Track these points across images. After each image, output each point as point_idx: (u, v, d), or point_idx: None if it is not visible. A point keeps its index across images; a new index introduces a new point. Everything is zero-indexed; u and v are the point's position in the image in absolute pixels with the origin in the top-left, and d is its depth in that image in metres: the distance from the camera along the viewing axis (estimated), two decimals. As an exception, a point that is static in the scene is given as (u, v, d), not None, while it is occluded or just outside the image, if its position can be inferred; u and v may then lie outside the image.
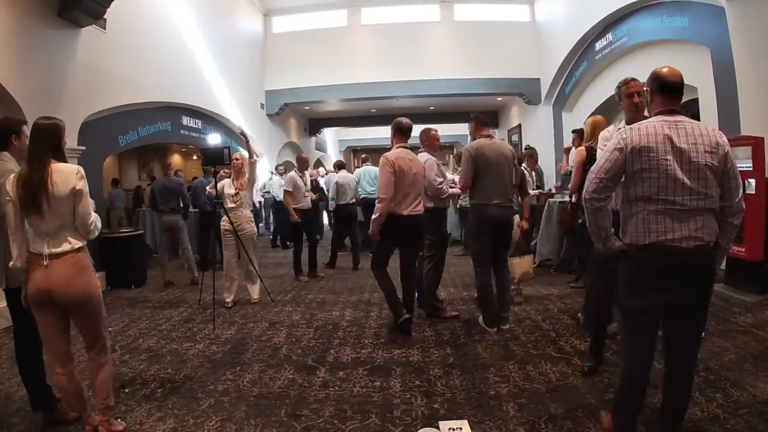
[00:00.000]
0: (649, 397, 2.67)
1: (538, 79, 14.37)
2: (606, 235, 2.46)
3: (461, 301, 5.75)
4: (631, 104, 3.53)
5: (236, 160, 6.13)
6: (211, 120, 12.16)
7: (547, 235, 7.40)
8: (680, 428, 2.53)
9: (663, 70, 2.46)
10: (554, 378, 3.51)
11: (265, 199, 13.63)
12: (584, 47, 11.89)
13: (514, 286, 5.49)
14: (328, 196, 9.59)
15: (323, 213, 12.88)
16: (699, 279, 2.34)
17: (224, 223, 6.03)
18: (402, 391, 3.42)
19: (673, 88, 2.42)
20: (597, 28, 10.94)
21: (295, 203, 7.33)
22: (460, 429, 2.82)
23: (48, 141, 2.71)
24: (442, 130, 20.01)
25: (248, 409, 3.22)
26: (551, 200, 7.63)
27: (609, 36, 10.62)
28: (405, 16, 14.78)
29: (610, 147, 2.42)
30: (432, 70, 14.42)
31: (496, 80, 14.48)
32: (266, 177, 13.56)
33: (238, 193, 6.02)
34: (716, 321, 4.59)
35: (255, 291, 6.20)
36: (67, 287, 2.68)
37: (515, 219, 5.70)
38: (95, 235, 2.85)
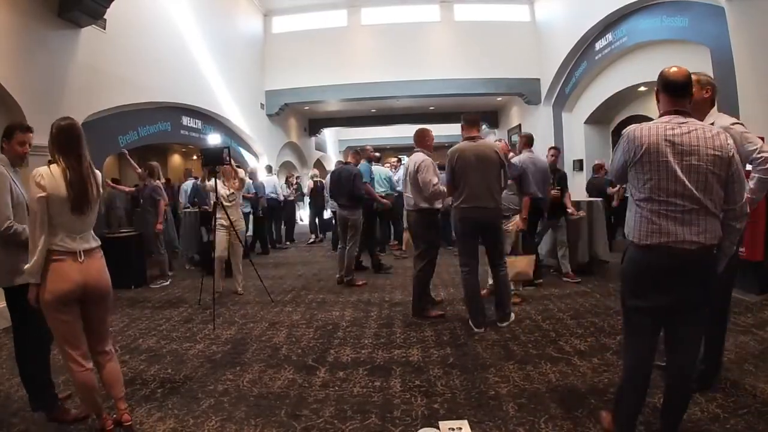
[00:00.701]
0: (649, 397, 2.68)
1: (538, 79, 14.37)
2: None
3: (460, 301, 5.74)
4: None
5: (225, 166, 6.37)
6: (211, 120, 12.15)
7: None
8: (679, 427, 2.53)
9: (669, 69, 2.43)
10: (554, 378, 3.51)
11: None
12: (584, 47, 11.89)
13: (513, 288, 5.49)
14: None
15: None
16: (699, 281, 2.35)
17: (221, 219, 6.34)
18: (402, 391, 3.42)
19: (676, 88, 2.40)
20: (597, 28, 10.93)
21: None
22: (460, 429, 2.82)
23: (81, 140, 2.83)
24: (442, 131, 20.02)
25: (248, 409, 3.22)
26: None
27: (609, 36, 10.62)
28: (405, 16, 14.78)
29: (618, 149, 2.44)
30: (432, 70, 14.42)
31: (496, 80, 14.48)
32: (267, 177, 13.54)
33: (233, 192, 6.43)
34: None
35: (239, 285, 6.68)
36: (100, 280, 2.82)
37: (515, 218, 5.72)
38: None
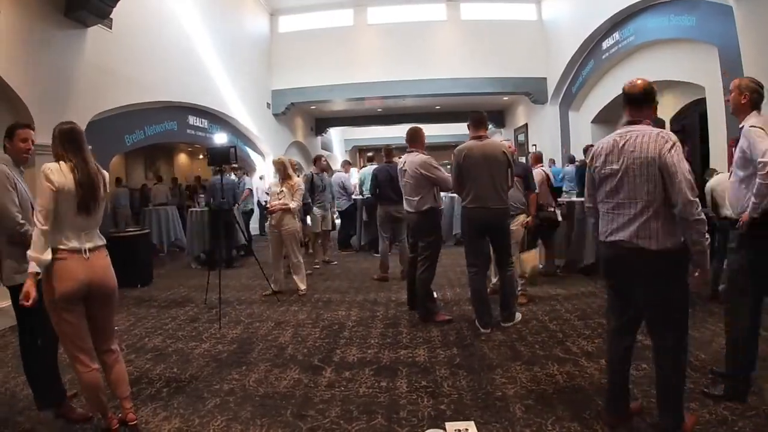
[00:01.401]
0: (651, 397, 2.66)
1: (545, 79, 14.34)
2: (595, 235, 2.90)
3: (466, 301, 5.72)
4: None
5: (279, 165, 6.51)
6: (218, 119, 12.19)
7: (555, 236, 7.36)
8: (674, 411, 2.60)
9: (629, 82, 2.70)
10: (561, 379, 3.49)
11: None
12: (591, 46, 11.86)
13: (520, 287, 5.46)
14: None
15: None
16: (645, 278, 2.59)
17: (267, 222, 6.52)
18: (408, 391, 3.41)
19: (631, 100, 2.67)
20: (604, 27, 10.91)
21: None
22: (467, 430, 2.81)
23: (84, 143, 2.83)
24: (447, 130, 20.12)
25: (254, 409, 3.22)
26: (558, 200, 7.59)
27: (616, 35, 10.59)
28: (411, 15, 14.79)
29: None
30: (438, 69, 14.41)
31: (502, 79, 14.47)
32: (271, 178, 13.55)
33: (282, 191, 6.36)
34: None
35: (300, 283, 6.53)
36: (105, 279, 2.82)
37: (521, 217, 5.69)
38: None
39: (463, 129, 5.27)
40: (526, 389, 3.36)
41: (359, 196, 10.06)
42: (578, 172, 10.02)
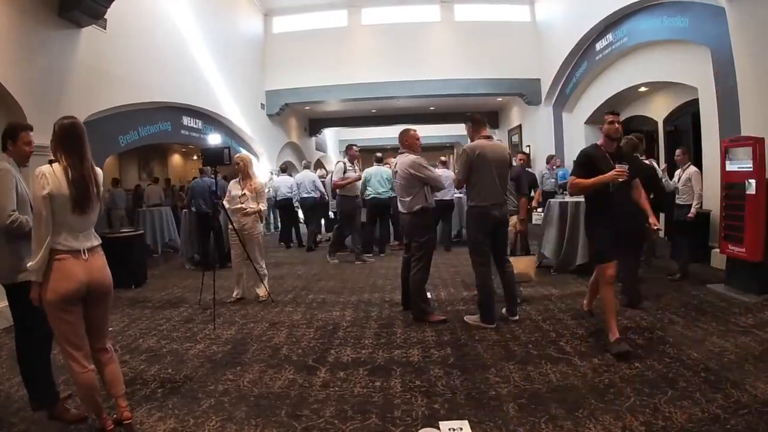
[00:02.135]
0: (650, 397, 2.66)
1: (539, 80, 14.40)
2: None
3: (461, 301, 5.74)
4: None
5: (237, 164, 6.20)
6: (212, 120, 12.17)
7: (548, 236, 7.39)
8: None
9: None
10: (555, 378, 3.51)
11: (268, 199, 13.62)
12: (584, 47, 11.91)
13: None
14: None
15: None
16: None
17: (230, 224, 6.12)
18: (402, 391, 3.41)
19: None
20: (597, 28, 10.95)
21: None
22: (461, 429, 2.82)
23: (84, 139, 2.84)
24: (442, 131, 20.25)
25: (248, 409, 3.22)
26: (551, 201, 7.63)
27: (609, 36, 10.64)
28: (405, 16, 14.82)
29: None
30: (432, 70, 14.45)
31: (496, 80, 14.52)
32: (266, 178, 13.55)
33: (244, 194, 6.09)
34: (716, 321, 4.60)
35: (261, 290, 6.25)
36: (103, 278, 2.84)
37: (513, 219, 5.72)
38: None
39: (457, 129, 5.32)
40: (520, 388, 3.37)
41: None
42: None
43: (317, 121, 19.97)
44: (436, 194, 5.47)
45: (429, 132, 21.33)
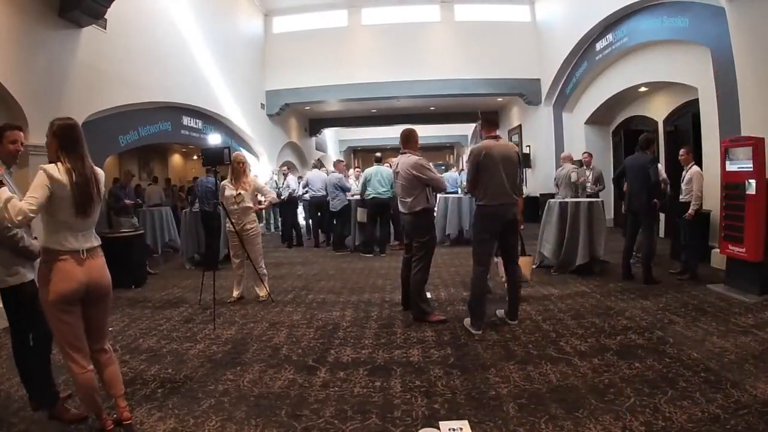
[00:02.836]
0: (650, 397, 2.66)
1: (539, 80, 14.40)
2: None
3: (461, 301, 5.73)
4: None
5: (238, 163, 6.14)
6: (212, 120, 12.18)
7: (548, 236, 7.39)
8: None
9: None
10: (555, 378, 3.51)
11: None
12: (585, 48, 11.91)
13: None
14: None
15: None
16: None
17: (228, 224, 6.09)
18: (402, 391, 3.41)
19: None
20: (597, 28, 10.96)
21: None
22: (461, 429, 2.82)
23: (82, 140, 2.81)
24: (442, 131, 20.19)
25: (248, 409, 3.22)
26: (551, 200, 7.62)
27: (609, 36, 10.64)
28: (405, 16, 14.82)
29: None
30: (432, 70, 14.45)
31: (496, 80, 14.52)
32: (267, 177, 13.55)
33: (240, 194, 6.03)
34: (716, 321, 4.60)
35: (261, 290, 6.25)
36: (102, 279, 2.84)
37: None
38: None
39: (457, 130, 5.33)
40: (520, 388, 3.37)
41: (356, 197, 10.04)
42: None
43: (317, 121, 19.96)
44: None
45: (429, 132, 21.35)
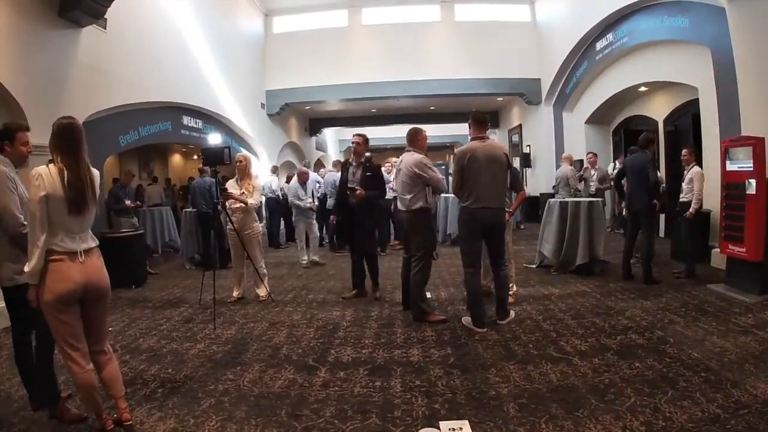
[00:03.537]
0: (650, 397, 2.66)
1: (539, 79, 14.39)
2: None
3: (461, 301, 5.73)
4: None
5: (239, 162, 6.15)
6: (212, 120, 12.17)
7: (548, 236, 7.39)
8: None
9: None
10: (555, 378, 3.51)
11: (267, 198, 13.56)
12: (585, 47, 11.91)
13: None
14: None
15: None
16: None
17: (229, 224, 6.11)
18: (402, 391, 3.41)
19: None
20: (597, 28, 10.95)
21: None
22: (461, 429, 2.82)
23: (81, 140, 2.81)
24: (442, 131, 20.14)
25: (249, 409, 3.22)
26: (551, 200, 7.62)
27: (609, 36, 10.63)
28: (405, 16, 14.81)
29: None
30: (432, 70, 14.44)
31: (496, 80, 14.51)
32: (267, 177, 13.51)
33: (242, 192, 6.05)
34: (716, 321, 4.60)
35: (261, 290, 6.26)
36: (100, 280, 2.83)
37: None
38: None
39: (457, 129, 5.34)
40: (520, 388, 3.37)
41: None
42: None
43: (317, 120, 19.95)
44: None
45: (429, 132, 21.10)
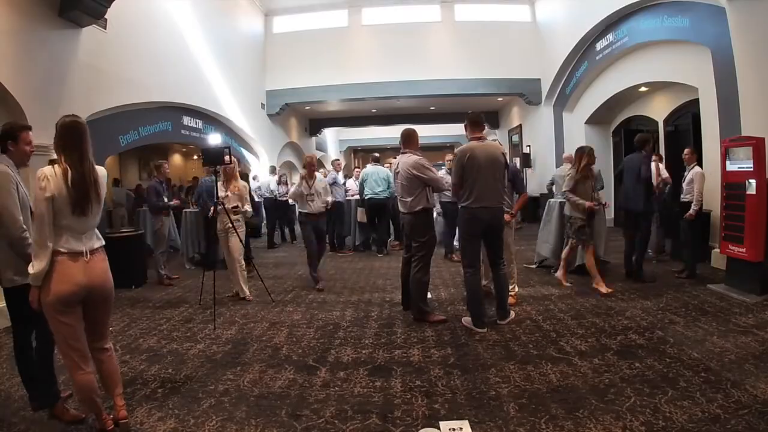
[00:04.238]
0: (650, 397, 2.66)
1: (539, 80, 14.37)
2: None
3: (461, 301, 5.73)
4: None
5: (227, 164, 6.16)
6: (212, 120, 12.16)
7: (547, 236, 7.38)
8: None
9: None
10: (555, 378, 3.51)
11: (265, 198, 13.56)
12: (585, 47, 11.90)
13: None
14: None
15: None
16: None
17: (219, 223, 6.19)
18: (403, 391, 3.42)
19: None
20: (598, 28, 10.94)
21: None
22: (461, 429, 2.83)
23: (85, 139, 2.78)
24: (442, 131, 20.15)
25: (249, 409, 3.22)
26: (551, 200, 7.62)
27: (610, 36, 10.63)
28: (406, 16, 14.79)
29: None
30: (433, 70, 14.43)
31: (496, 80, 14.50)
32: (267, 177, 13.51)
33: (227, 195, 6.15)
34: (717, 321, 4.60)
35: (242, 291, 6.31)
36: (103, 282, 2.82)
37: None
38: None
39: (457, 129, 5.34)
40: (520, 388, 3.37)
41: (356, 196, 10.02)
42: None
43: (317, 121, 19.95)
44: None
45: (429, 132, 21.31)
